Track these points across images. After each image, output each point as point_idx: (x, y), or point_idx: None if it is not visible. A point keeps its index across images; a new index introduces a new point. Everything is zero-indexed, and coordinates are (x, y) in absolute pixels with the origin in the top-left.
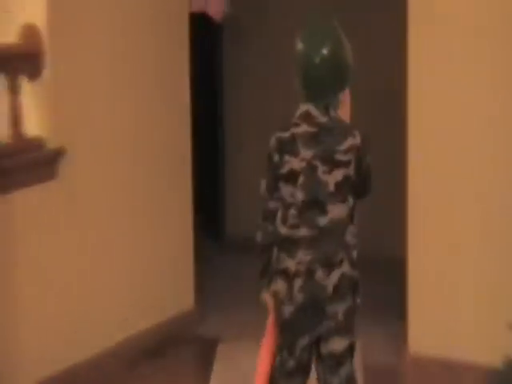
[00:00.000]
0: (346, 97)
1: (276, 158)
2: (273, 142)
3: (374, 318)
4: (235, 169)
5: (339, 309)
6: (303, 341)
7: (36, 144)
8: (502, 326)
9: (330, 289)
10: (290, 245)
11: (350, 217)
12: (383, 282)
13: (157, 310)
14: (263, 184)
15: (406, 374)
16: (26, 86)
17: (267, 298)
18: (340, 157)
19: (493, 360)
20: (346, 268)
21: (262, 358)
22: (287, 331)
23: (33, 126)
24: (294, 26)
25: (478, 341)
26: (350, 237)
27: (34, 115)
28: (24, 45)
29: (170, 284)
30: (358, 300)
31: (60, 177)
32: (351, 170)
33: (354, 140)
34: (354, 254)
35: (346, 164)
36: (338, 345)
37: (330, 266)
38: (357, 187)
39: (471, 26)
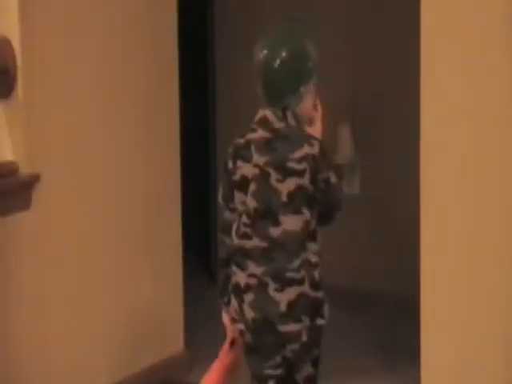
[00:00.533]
0: (317, 113)
1: (230, 164)
2: (230, 149)
3: (379, 363)
4: None
5: (293, 328)
6: (270, 370)
7: (7, 170)
8: None
9: (284, 306)
10: (241, 256)
11: (307, 232)
12: (398, 319)
13: (144, 354)
14: (220, 192)
15: None
16: None
17: (225, 318)
18: (293, 165)
19: None
20: (306, 288)
21: (207, 379)
22: (249, 355)
23: (5, 151)
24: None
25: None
26: (310, 255)
27: (7, 138)
28: None
29: (157, 327)
30: (321, 321)
31: (34, 208)
32: (306, 181)
33: (311, 149)
34: (317, 273)
35: (299, 173)
36: (305, 372)
37: (283, 281)
38: (320, 204)
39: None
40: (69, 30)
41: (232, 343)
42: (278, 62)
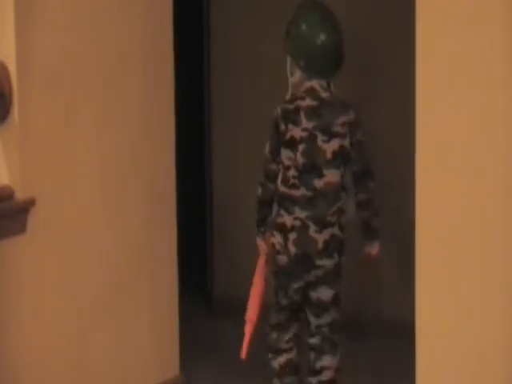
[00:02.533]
0: None
1: (282, 126)
2: (278, 111)
3: (385, 378)
4: (224, 228)
5: (327, 262)
6: (295, 285)
7: (4, 194)
8: None
9: (321, 244)
10: (288, 202)
11: (342, 184)
12: (394, 340)
13: (139, 378)
14: (267, 147)
15: None
16: None
17: (261, 243)
18: (337, 129)
19: None
20: (336, 230)
21: (256, 285)
22: (282, 276)
23: (0, 175)
24: None
25: None
26: (341, 203)
27: (2, 162)
28: None
29: (153, 351)
30: (343, 258)
31: (29, 231)
32: (346, 142)
33: (350, 116)
34: (344, 218)
35: (342, 136)
36: (324, 294)
37: (322, 224)
38: (358, 162)
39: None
40: (64, 52)
41: (267, 260)
42: (328, 39)
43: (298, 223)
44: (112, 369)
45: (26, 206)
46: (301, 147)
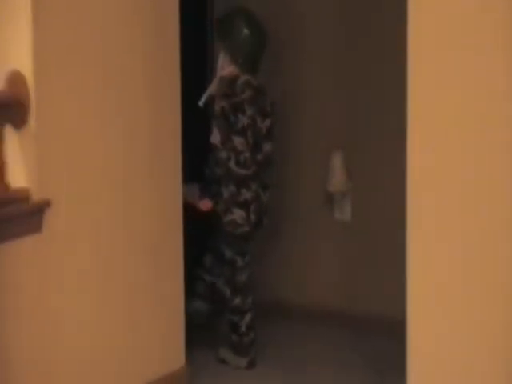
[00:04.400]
0: None
1: (232, 117)
2: (225, 105)
3: (378, 375)
4: None
5: (266, 221)
6: (250, 246)
7: (20, 196)
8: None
9: (265, 206)
10: (247, 181)
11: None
12: (388, 339)
13: (147, 368)
14: (217, 137)
15: None
16: (12, 136)
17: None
18: (268, 109)
19: None
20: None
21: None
22: (241, 243)
23: (18, 177)
24: None
25: None
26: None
27: (20, 166)
28: (9, 92)
29: (160, 342)
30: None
31: (45, 230)
32: (273, 118)
33: (270, 98)
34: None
35: (270, 114)
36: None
37: (266, 188)
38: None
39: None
40: (78, 63)
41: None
42: (260, 41)
43: (254, 195)
44: (121, 359)
45: (42, 207)
46: (249, 132)
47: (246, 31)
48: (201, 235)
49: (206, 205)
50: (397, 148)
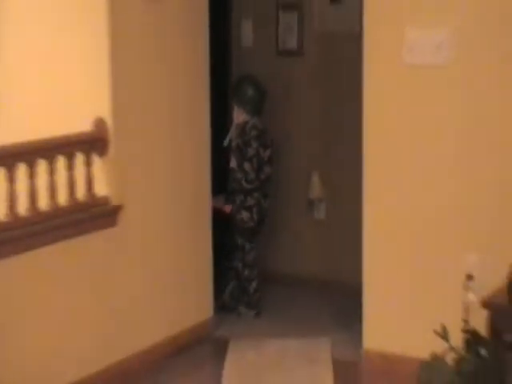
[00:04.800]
0: None
1: (244, 150)
2: (240, 143)
3: (339, 324)
4: None
5: (267, 221)
6: (256, 237)
7: (103, 201)
8: (430, 328)
9: (266, 210)
10: (252, 193)
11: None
12: (348, 297)
13: (186, 317)
14: (234, 163)
15: (362, 366)
16: (97, 161)
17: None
18: (269, 143)
19: (423, 354)
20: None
21: None
22: (250, 234)
23: (101, 189)
24: None
25: (413, 340)
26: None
27: (102, 181)
28: (94, 132)
29: (196, 298)
30: None
31: (119, 225)
32: (272, 149)
33: (270, 135)
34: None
35: (270, 147)
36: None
37: (266, 196)
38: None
39: None
40: (145, 109)
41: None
42: (260, 96)
43: (255, 202)
44: (167, 311)
45: (116, 210)
46: (254, 160)
47: (250, 90)
48: (222, 230)
49: (228, 208)
50: (354, 169)
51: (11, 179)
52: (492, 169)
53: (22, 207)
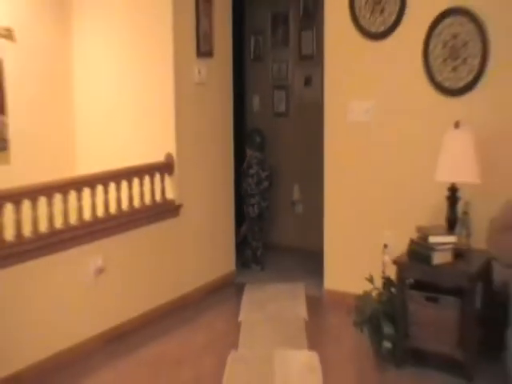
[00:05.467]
0: None
1: (247, 170)
2: (245, 166)
3: (310, 274)
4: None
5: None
6: (260, 225)
7: (171, 202)
8: (364, 276)
9: (265, 207)
10: (254, 196)
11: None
12: (315, 257)
13: (218, 270)
14: (245, 183)
15: (323, 299)
16: (167, 178)
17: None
18: (266, 167)
19: (359, 291)
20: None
21: None
22: (254, 220)
23: (170, 195)
24: None
25: (353, 283)
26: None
27: (170, 190)
28: (166, 161)
29: (224, 254)
30: None
31: (180, 216)
32: (269, 172)
33: (268, 161)
34: None
35: (267, 169)
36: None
37: (265, 199)
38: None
39: None
40: (193, 147)
41: None
42: (262, 140)
43: (255, 202)
44: (208, 261)
45: (179, 207)
46: (255, 177)
47: (257, 138)
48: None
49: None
50: (319, 182)
51: (93, 194)
52: (396, 177)
53: (124, 206)
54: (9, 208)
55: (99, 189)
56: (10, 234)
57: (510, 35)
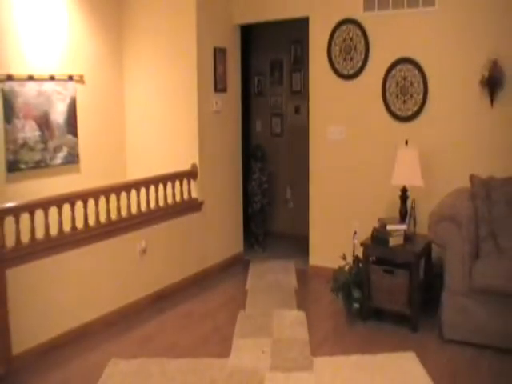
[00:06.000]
0: None
1: (252, 175)
2: (252, 164)
3: (299, 253)
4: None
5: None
6: (260, 218)
7: (194, 200)
8: (339, 254)
9: (266, 203)
10: (257, 195)
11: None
12: (302, 241)
13: (230, 250)
14: (253, 180)
15: (308, 272)
16: (193, 182)
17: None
18: (266, 173)
19: (335, 266)
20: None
21: None
22: (257, 212)
23: (194, 194)
24: None
25: (331, 260)
26: None
27: (195, 191)
28: (192, 170)
29: (235, 237)
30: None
31: (202, 210)
32: (268, 177)
33: (268, 169)
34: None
35: (267, 175)
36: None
37: (265, 196)
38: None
39: None
40: (213, 158)
41: None
42: (262, 153)
43: (257, 199)
44: (219, 241)
45: (201, 204)
46: (257, 180)
47: (259, 152)
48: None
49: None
50: (306, 185)
51: (138, 194)
52: (363, 181)
53: (156, 203)
54: (79, 205)
55: (142, 191)
56: (81, 224)
57: (442, 78)
